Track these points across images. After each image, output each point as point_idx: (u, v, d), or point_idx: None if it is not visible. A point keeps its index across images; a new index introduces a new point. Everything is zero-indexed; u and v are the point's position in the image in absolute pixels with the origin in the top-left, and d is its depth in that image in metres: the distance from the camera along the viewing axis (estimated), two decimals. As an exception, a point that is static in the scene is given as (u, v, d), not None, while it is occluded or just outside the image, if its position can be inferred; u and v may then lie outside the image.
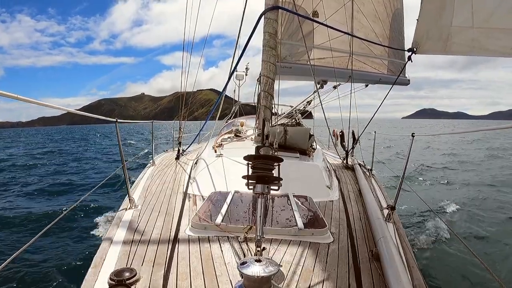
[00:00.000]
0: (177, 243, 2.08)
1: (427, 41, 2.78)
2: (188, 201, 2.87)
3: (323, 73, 5.67)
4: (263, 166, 1.89)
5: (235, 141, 4.88)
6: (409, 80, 6.44)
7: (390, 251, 1.92)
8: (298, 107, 6.29)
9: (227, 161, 3.57)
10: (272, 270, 1.42)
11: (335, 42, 5.52)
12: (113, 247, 2.03)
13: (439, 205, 7.77)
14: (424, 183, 10.67)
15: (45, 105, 1.72)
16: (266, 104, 4.06)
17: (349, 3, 5.61)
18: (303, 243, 2.11)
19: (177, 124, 5.91)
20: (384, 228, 2.28)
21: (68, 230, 5.75)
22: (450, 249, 5.19)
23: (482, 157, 17.79)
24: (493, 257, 5.05)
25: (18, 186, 10.35)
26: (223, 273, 1.76)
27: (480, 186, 10.26)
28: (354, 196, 3.30)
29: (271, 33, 4.00)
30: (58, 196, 8.93)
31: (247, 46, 2.59)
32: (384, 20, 6.00)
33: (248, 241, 2.07)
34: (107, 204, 7.46)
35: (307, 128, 4.68)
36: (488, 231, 6.16)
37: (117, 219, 2.46)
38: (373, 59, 6.07)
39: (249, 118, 7.20)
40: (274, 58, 4.03)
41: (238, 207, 2.57)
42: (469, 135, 32.62)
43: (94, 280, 1.69)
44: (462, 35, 2.62)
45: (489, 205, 7.94)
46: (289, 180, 2.24)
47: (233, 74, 5.57)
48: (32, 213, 7.04)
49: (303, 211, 2.58)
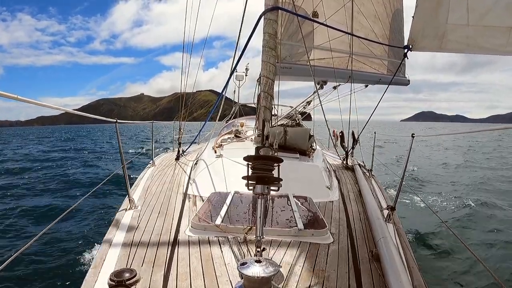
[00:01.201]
0: (177, 244, 2.07)
1: (422, 39, 2.79)
2: (188, 202, 2.86)
3: (323, 74, 5.67)
4: (263, 166, 1.89)
5: (235, 141, 4.87)
6: (409, 80, 6.44)
7: (390, 252, 1.92)
8: (298, 108, 6.29)
9: (227, 161, 3.57)
10: (272, 270, 1.42)
11: (335, 42, 5.52)
12: (113, 248, 2.02)
13: (440, 206, 7.78)
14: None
15: (43, 105, 1.72)
16: (266, 104, 4.05)
17: (349, 4, 5.62)
18: (303, 243, 2.11)
19: (178, 125, 5.91)
20: (384, 228, 2.28)
21: (68, 231, 5.74)
22: (450, 249, 5.19)
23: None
24: (494, 257, 5.05)
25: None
26: (223, 273, 1.75)
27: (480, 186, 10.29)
28: (354, 196, 3.30)
29: (271, 34, 4.00)
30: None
31: (247, 47, 2.60)
32: (384, 20, 6.00)
33: (248, 241, 2.07)
34: (107, 204, 7.46)
35: (307, 129, 4.68)
36: (488, 231, 6.17)
37: (117, 220, 2.45)
38: (373, 59, 6.07)
39: (249, 118, 7.20)
40: (274, 58, 4.03)
41: (238, 208, 2.57)
42: (464, 141, 32.50)
43: (94, 280, 1.69)
44: (457, 33, 2.63)
45: (489, 206, 7.94)
46: (289, 180, 2.24)
47: (233, 75, 5.57)
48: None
49: (303, 211, 2.58)
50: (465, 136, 39.69)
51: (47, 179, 11.42)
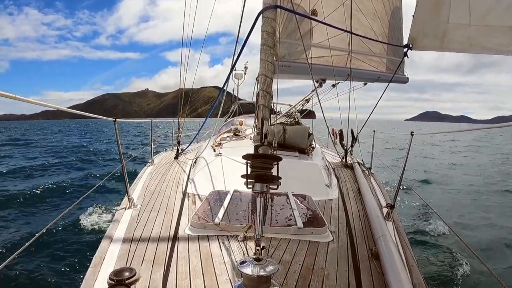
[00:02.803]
0: (176, 243, 2.07)
1: (423, 38, 2.78)
2: (187, 200, 2.86)
3: (322, 72, 5.66)
4: (262, 165, 1.89)
5: (234, 140, 4.87)
6: (408, 78, 6.43)
7: (390, 250, 1.92)
8: (296, 106, 6.28)
9: (226, 160, 3.57)
10: (271, 269, 1.42)
11: (333, 40, 5.51)
12: (113, 247, 2.02)
13: (438, 204, 7.79)
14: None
15: (41, 104, 1.71)
16: (264, 103, 4.04)
17: (348, 2, 5.59)
18: (303, 242, 2.11)
19: (180, 123, 5.89)
20: (383, 226, 2.28)
21: (67, 230, 5.73)
22: (450, 247, 5.20)
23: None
24: (494, 256, 5.06)
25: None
26: (222, 272, 1.75)
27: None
28: (353, 194, 3.30)
29: (269, 32, 3.96)
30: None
31: (245, 45, 2.59)
32: (383, 18, 5.98)
33: (247, 240, 2.07)
34: (107, 203, 7.44)
35: (306, 127, 4.68)
36: (487, 228, 6.18)
37: (116, 219, 2.45)
38: (371, 57, 6.06)
39: (248, 117, 7.18)
40: (272, 57, 4.00)
41: (237, 206, 2.56)
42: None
43: (93, 279, 1.69)
44: (458, 32, 2.62)
45: (490, 204, 7.96)
46: (288, 179, 2.24)
47: (232, 73, 5.57)
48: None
49: (302, 210, 2.58)
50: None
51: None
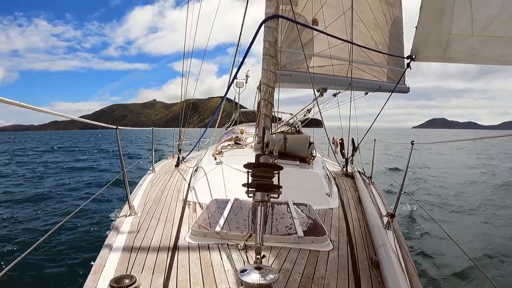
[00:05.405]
0: (177, 250, 2.07)
1: (426, 49, 2.80)
2: (188, 209, 2.87)
3: (323, 81, 5.71)
4: (263, 174, 1.91)
5: (235, 148, 4.88)
6: (409, 88, 6.47)
7: (390, 259, 1.91)
8: (298, 115, 6.32)
9: (227, 168, 3.58)
10: (271, 277, 1.42)
11: (334, 50, 5.57)
12: (113, 254, 2.02)
13: (439, 213, 7.75)
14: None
15: (45, 111, 1.74)
16: (266, 112, 4.07)
17: (349, 12, 5.67)
18: (303, 250, 2.11)
19: (182, 132, 5.94)
20: (384, 235, 2.28)
21: (67, 237, 5.72)
22: (450, 257, 5.16)
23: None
24: (494, 265, 5.02)
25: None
26: (222, 280, 1.75)
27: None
28: (353, 203, 3.30)
29: (271, 42, 4.03)
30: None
31: (247, 55, 2.62)
32: (384, 28, 6.05)
33: (248, 248, 2.07)
34: (107, 210, 7.44)
35: (307, 136, 4.70)
36: (487, 237, 6.14)
37: (116, 226, 2.46)
38: (372, 67, 6.11)
39: (249, 125, 7.22)
40: (274, 66, 4.06)
41: (238, 215, 2.57)
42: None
43: (93, 287, 1.69)
44: (461, 43, 2.63)
45: (490, 211, 7.92)
46: (289, 187, 2.25)
47: (233, 82, 5.61)
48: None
49: (303, 218, 2.58)
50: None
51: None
